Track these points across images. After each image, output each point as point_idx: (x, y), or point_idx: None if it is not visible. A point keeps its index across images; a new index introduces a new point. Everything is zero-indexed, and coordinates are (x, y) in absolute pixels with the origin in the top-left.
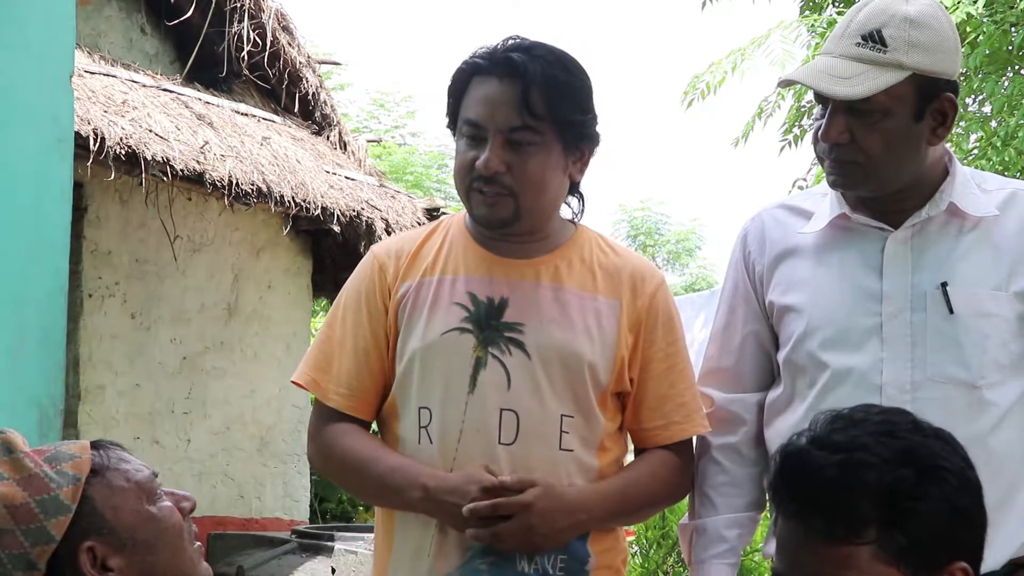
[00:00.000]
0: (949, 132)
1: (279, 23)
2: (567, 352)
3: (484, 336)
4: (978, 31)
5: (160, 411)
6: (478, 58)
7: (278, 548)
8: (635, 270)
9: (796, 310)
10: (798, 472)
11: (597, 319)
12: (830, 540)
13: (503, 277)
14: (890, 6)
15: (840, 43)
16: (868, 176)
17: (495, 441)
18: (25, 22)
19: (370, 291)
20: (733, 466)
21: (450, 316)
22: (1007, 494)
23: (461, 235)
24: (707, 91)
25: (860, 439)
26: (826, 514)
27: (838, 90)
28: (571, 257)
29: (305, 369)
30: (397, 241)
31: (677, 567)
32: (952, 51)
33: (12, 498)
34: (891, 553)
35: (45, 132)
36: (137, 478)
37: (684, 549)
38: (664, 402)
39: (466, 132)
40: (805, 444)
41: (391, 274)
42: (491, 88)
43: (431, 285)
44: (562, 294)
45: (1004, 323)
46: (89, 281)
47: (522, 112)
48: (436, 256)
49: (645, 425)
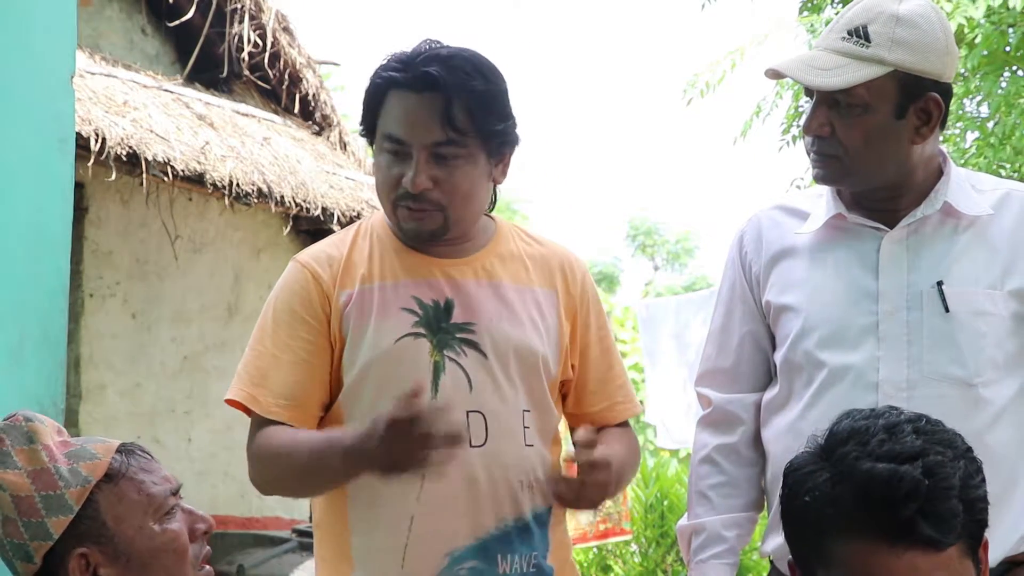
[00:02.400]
0: (934, 133)
1: (279, 24)
2: (522, 347)
3: (438, 339)
4: (976, 31)
5: (161, 410)
6: (394, 71)
7: (279, 547)
8: (563, 259)
9: (793, 309)
10: (895, 491)
11: (539, 311)
12: (939, 549)
13: (443, 278)
14: (880, 4)
15: (827, 37)
16: (847, 170)
17: (466, 444)
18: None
19: (306, 301)
20: (731, 467)
21: (400, 322)
22: (1003, 492)
23: (389, 239)
24: (706, 89)
25: (929, 445)
26: (937, 524)
27: (814, 80)
28: (500, 252)
29: (240, 386)
30: (324, 248)
31: (676, 565)
32: (941, 52)
33: (19, 488)
34: (968, 544)
35: (46, 132)
36: (150, 491)
37: (683, 549)
38: (605, 384)
39: (387, 147)
40: (881, 464)
41: (327, 282)
42: (411, 103)
43: (372, 292)
44: (501, 289)
45: (999, 321)
46: (90, 281)
47: (445, 127)
48: (370, 262)
49: (589, 409)
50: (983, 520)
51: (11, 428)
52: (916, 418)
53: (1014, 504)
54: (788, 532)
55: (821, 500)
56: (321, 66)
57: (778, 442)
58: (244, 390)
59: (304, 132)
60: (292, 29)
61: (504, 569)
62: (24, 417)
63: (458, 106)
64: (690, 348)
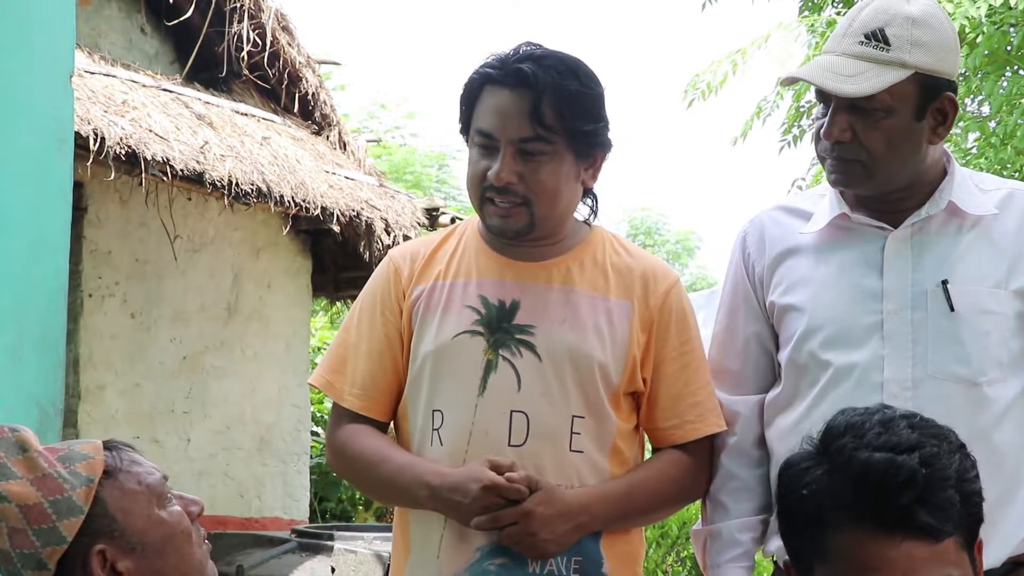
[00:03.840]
0: (949, 131)
1: (279, 23)
2: (577, 353)
3: (495, 339)
4: (977, 31)
5: (160, 411)
6: (489, 67)
7: (278, 547)
8: (647, 270)
9: (797, 309)
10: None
11: (608, 319)
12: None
13: (515, 280)
14: (892, 5)
15: (843, 42)
16: (870, 174)
17: (504, 443)
18: (25, 22)
19: (385, 294)
20: (741, 469)
21: (462, 319)
22: (1007, 491)
23: (475, 239)
24: (708, 90)
25: (909, 435)
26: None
27: (843, 87)
28: (583, 258)
29: (321, 372)
30: (414, 244)
31: (676, 566)
32: (953, 51)
33: (25, 498)
34: (964, 538)
35: (45, 132)
36: (148, 481)
37: (698, 554)
38: (678, 402)
39: (478, 141)
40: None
41: (406, 277)
42: (502, 98)
43: (444, 288)
44: (573, 295)
45: (1004, 320)
46: (89, 281)
47: (533, 123)
48: (450, 260)
49: (659, 425)
50: (978, 515)
51: (0, 440)
52: (910, 415)
53: (1018, 503)
54: (784, 528)
55: (818, 493)
56: (321, 66)
57: (782, 442)
58: (323, 376)
59: (303, 132)
60: (292, 28)
61: (534, 569)
62: (8, 428)
63: (547, 103)
64: None
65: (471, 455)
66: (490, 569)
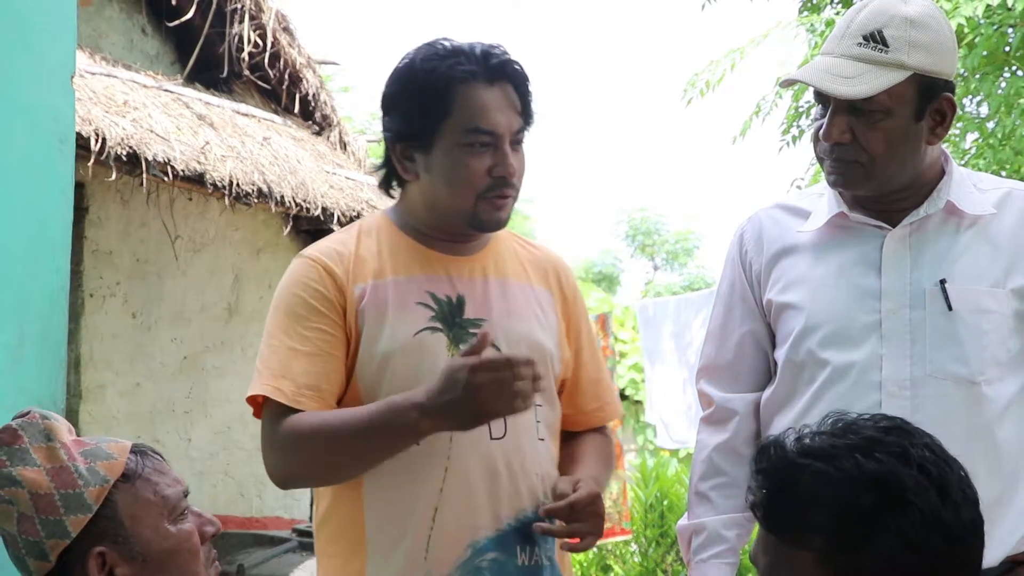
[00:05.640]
0: (947, 132)
1: (279, 24)
2: (533, 342)
3: (453, 334)
4: (975, 32)
5: (161, 410)
6: (464, 66)
7: (279, 547)
8: (554, 259)
9: (795, 308)
10: (772, 465)
11: (541, 308)
12: (780, 538)
13: (449, 275)
14: (890, 7)
15: (841, 43)
16: (870, 175)
17: (487, 436)
18: (26, 22)
19: (320, 294)
20: (730, 466)
21: (417, 316)
22: (1005, 491)
23: (396, 236)
24: (706, 89)
25: (838, 451)
26: (780, 514)
27: (842, 89)
28: (500, 250)
29: (262, 381)
30: (329, 245)
31: (676, 565)
32: (950, 52)
33: (38, 486)
34: (833, 567)
35: (46, 132)
36: (165, 493)
37: (683, 549)
38: (597, 385)
39: (473, 140)
40: (791, 441)
41: (340, 276)
42: (493, 95)
43: (386, 287)
44: (507, 287)
45: (1002, 320)
46: (90, 281)
47: (519, 114)
48: (379, 258)
49: (583, 408)
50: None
51: (29, 425)
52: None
53: (1016, 503)
54: None
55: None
56: (322, 66)
57: None
58: (267, 383)
59: (304, 132)
60: (292, 29)
61: (523, 560)
62: (40, 415)
63: (522, 94)
64: (690, 348)
65: (455, 452)
66: (482, 565)
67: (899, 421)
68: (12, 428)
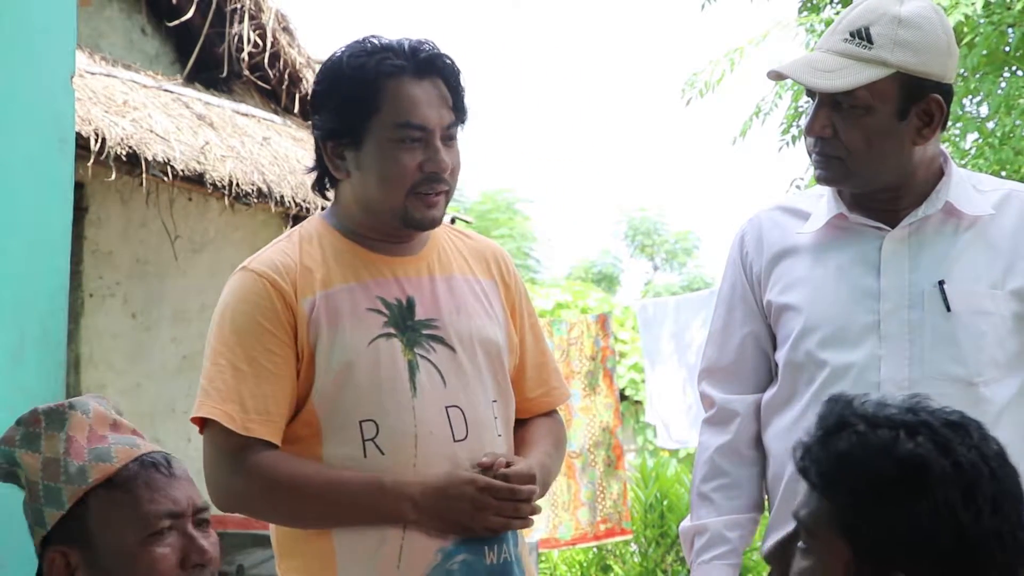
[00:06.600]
0: (935, 133)
1: (279, 24)
2: (484, 338)
3: (407, 338)
4: (975, 32)
5: (161, 410)
6: (393, 60)
7: None
8: (493, 249)
9: (794, 309)
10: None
11: (487, 300)
12: (811, 484)
13: (396, 276)
14: (882, 5)
15: (830, 39)
16: (849, 171)
17: (450, 439)
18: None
19: (268, 312)
20: (733, 467)
21: (369, 324)
22: None
23: (337, 241)
24: (706, 89)
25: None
26: (816, 459)
27: (819, 82)
28: (441, 246)
29: (210, 403)
30: (273, 257)
31: (675, 565)
32: (942, 53)
33: (32, 472)
34: (844, 525)
35: (46, 132)
36: (144, 509)
37: (685, 550)
38: (541, 370)
39: (404, 135)
40: (859, 402)
41: (287, 291)
42: (423, 89)
43: (336, 296)
44: (453, 282)
45: (1001, 321)
46: (90, 281)
47: (450, 109)
48: (325, 266)
49: (530, 395)
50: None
51: (52, 412)
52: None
53: None
54: None
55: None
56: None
57: (779, 442)
58: (216, 407)
59: (304, 132)
60: (292, 29)
61: (491, 559)
62: (69, 404)
63: (453, 88)
64: (690, 348)
65: (421, 458)
66: (453, 568)
67: (972, 422)
68: (37, 411)
